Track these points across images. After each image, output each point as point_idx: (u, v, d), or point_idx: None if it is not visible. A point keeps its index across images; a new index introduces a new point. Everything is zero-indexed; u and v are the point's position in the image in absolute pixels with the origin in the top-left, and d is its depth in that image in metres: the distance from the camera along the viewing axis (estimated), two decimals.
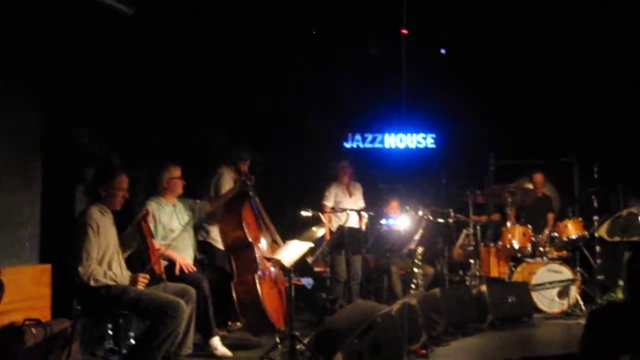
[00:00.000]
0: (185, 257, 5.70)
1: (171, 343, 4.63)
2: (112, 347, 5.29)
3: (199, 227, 6.17)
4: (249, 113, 8.21)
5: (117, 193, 4.82)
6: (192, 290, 4.97)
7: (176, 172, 5.79)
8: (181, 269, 5.47)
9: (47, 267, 5.57)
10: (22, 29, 5.74)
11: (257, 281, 5.52)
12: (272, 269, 5.78)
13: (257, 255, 5.68)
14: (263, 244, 5.88)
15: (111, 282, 4.59)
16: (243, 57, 7.87)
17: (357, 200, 7.60)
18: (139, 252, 5.13)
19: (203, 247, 6.25)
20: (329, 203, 7.44)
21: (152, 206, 5.54)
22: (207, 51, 7.51)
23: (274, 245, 5.92)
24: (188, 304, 4.80)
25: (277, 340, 5.56)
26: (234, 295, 5.56)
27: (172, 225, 5.71)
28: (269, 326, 5.64)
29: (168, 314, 4.54)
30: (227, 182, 6.33)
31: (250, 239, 5.67)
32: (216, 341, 5.48)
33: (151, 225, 5.26)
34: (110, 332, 5.34)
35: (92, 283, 4.52)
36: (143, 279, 4.73)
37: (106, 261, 4.69)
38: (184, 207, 5.88)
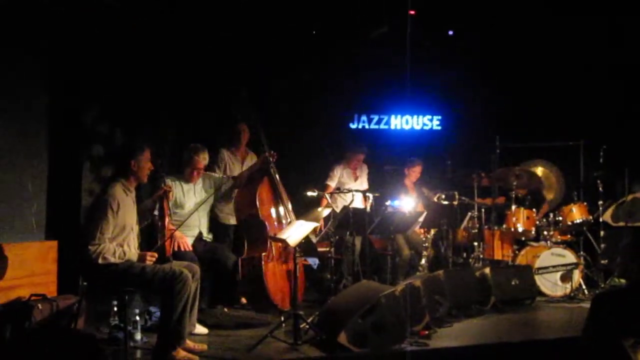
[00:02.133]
0: (190, 235, 5.74)
1: (190, 309, 4.74)
2: (117, 323, 5.33)
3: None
4: (255, 93, 8.18)
5: (144, 165, 4.89)
6: (197, 268, 5.01)
7: (203, 157, 5.87)
8: (179, 248, 5.52)
9: (54, 243, 5.61)
10: (26, 9, 5.73)
11: (262, 260, 5.55)
12: (284, 249, 5.80)
13: (268, 233, 5.70)
14: (279, 223, 5.89)
15: (119, 260, 4.63)
16: (249, 37, 7.83)
17: (362, 183, 7.63)
18: (149, 227, 5.18)
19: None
20: (332, 184, 7.45)
21: (167, 181, 5.56)
22: (213, 31, 7.48)
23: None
24: (193, 280, 4.83)
25: (282, 319, 5.60)
26: (240, 270, 5.59)
27: (183, 202, 5.75)
28: (271, 306, 5.68)
29: (174, 285, 4.61)
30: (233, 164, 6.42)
31: (261, 217, 5.70)
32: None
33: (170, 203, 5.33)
34: (115, 308, 5.38)
35: (100, 261, 4.56)
36: (151, 257, 4.77)
37: (120, 239, 4.73)
38: (205, 183, 5.98)
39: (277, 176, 6.10)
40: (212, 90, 7.55)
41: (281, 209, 6.00)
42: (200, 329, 5.50)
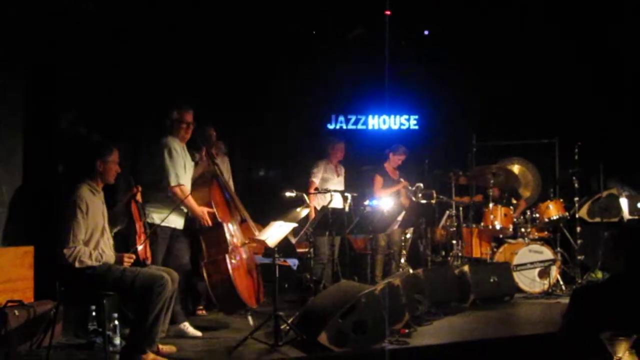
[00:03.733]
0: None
1: (164, 316, 4.69)
2: (95, 328, 5.29)
3: None
4: (231, 95, 8.16)
5: (111, 167, 4.84)
6: (176, 274, 4.94)
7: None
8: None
9: (30, 249, 5.54)
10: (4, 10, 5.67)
11: (227, 260, 5.50)
12: (242, 247, 5.78)
13: (227, 234, 5.64)
14: (233, 223, 5.85)
15: (96, 263, 4.59)
16: (227, 39, 7.81)
17: (342, 182, 7.64)
18: (126, 231, 5.12)
19: None
20: (316, 180, 7.45)
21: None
22: (190, 34, 7.45)
23: (244, 224, 5.91)
24: (171, 285, 4.78)
25: (249, 319, 5.63)
26: (205, 275, 5.54)
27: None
28: (241, 305, 5.64)
29: (153, 289, 4.56)
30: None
31: (219, 218, 5.64)
32: (186, 325, 5.54)
33: None
34: (93, 313, 5.33)
35: (76, 264, 4.52)
36: (129, 259, 4.73)
37: (94, 242, 4.68)
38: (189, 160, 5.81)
39: (224, 177, 6.03)
40: (190, 93, 7.50)
41: (234, 209, 5.94)
42: (194, 332, 5.50)
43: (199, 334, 5.52)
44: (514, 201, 8.25)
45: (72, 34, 6.32)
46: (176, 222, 5.57)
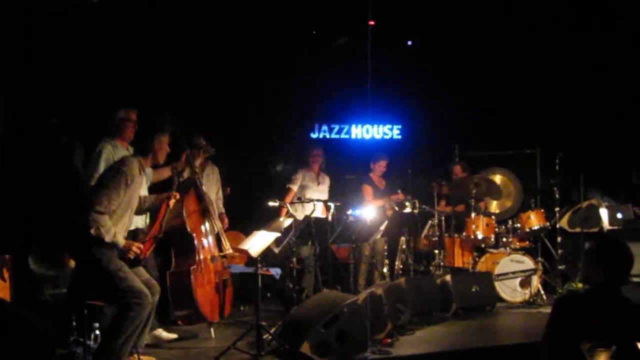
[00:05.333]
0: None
1: (136, 333, 4.56)
2: (76, 338, 5.24)
3: None
4: (215, 103, 8.15)
5: (164, 147, 4.85)
6: (156, 284, 4.86)
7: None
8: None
9: (7, 258, 5.47)
10: None
11: (192, 273, 5.48)
12: (212, 260, 5.75)
13: (197, 246, 5.60)
14: (206, 235, 5.81)
15: (108, 239, 4.45)
16: (209, 47, 7.80)
17: (324, 191, 7.64)
18: None
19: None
20: (294, 187, 7.44)
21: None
22: (171, 41, 7.43)
23: (218, 237, 5.88)
24: (151, 300, 4.67)
25: (211, 331, 5.67)
26: (168, 283, 5.50)
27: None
28: (201, 319, 5.64)
29: (131, 306, 4.45)
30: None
31: (189, 229, 5.60)
32: (160, 331, 5.54)
33: None
34: (74, 323, 5.29)
35: (93, 231, 4.39)
36: (137, 249, 4.65)
37: (117, 217, 4.58)
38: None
39: (203, 187, 5.99)
40: (171, 99, 7.48)
41: (207, 222, 5.87)
42: (169, 335, 5.47)
43: (174, 336, 5.50)
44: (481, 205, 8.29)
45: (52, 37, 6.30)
46: (137, 221, 5.40)
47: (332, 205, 6.94)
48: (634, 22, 8.12)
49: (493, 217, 8.03)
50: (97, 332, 5.10)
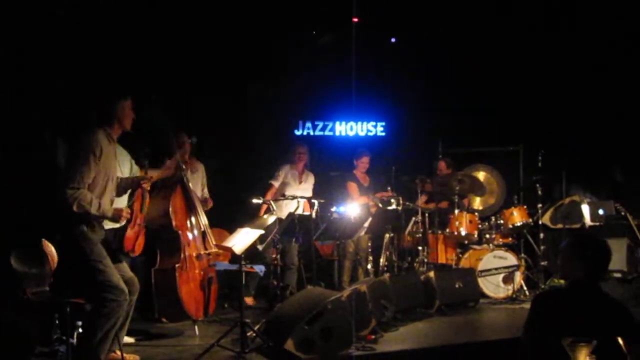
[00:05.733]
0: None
1: (113, 330, 4.50)
2: (59, 336, 5.20)
3: None
4: (199, 100, 8.12)
5: (129, 112, 4.67)
6: (136, 282, 4.77)
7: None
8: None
9: None
10: None
11: (177, 271, 5.48)
12: (198, 258, 5.73)
13: (182, 243, 5.60)
14: (192, 232, 5.80)
15: (94, 212, 4.37)
16: (195, 44, 7.78)
17: (306, 189, 7.61)
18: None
19: None
20: (276, 183, 7.40)
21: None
22: (158, 38, 7.40)
23: (214, 229, 5.86)
24: (130, 299, 4.60)
25: (195, 328, 5.64)
26: (152, 280, 5.51)
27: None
28: (185, 316, 5.66)
29: (109, 296, 4.37)
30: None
31: (175, 227, 5.59)
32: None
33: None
34: (57, 321, 5.25)
35: (75, 208, 4.30)
36: (127, 215, 4.58)
37: (99, 189, 4.47)
38: (124, 157, 5.40)
39: (190, 184, 5.96)
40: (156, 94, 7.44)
41: (194, 219, 5.87)
42: (127, 339, 5.33)
43: (131, 340, 5.41)
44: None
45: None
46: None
47: (315, 202, 6.94)
48: (615, 21, 8.20)
49: (476, 213, 8.08)
50: (80, 330, 5.06)
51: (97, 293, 4.40)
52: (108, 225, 4.77)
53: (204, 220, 5.90)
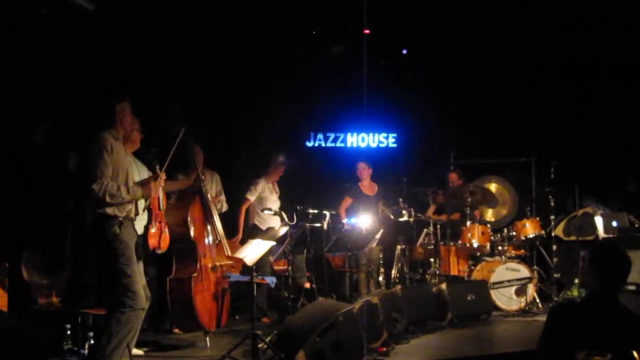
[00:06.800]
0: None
1: (128, 338, 4.48)
2: (70, 347, 5.21)
3: None
4: (211, 112, 8.15)
5: (128, 114, 4.78)
6: (149, 294, 4.77)
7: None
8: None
9: (3, 265, 5.45)
10: None
11: (192, 281, 5.48)
12: (213, 270, 5.74)
13: (199, 254, 5.61)
14: (208, 242, 5.81)
15: (126, 196, 4.44)
16: (206, 54, 7.81)
17: (277, 201, 7.51)
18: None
19: None
20: (252, 197, 7.32)
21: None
22: (165, 45, 7.43)
23: (220, 245, 5.86)
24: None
25: (207, 340, 5.63)
26: (167, 289, 5.51)
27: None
28: (198, 327, 5.66)
29: (129, 301, 4.38)
30: None
31: (193, 238, 5.61)
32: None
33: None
34: (68, 332, 5.26)
35: (107, 199, 4.36)
36: (161, 182, 4.69)
37: (121, 180, 4.54)
38: (141, 167, 5.48)
39: (209, 195, 5.99)
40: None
41: (210, 230, 5.88)
42: (136, 351, 5.33)
43: (140, 352, 5.41)
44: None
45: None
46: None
47: (327, 213, 6.93)
48: (628, 31, 8.16)
49: (488, 225, 8.03)
50: (92, 341, 5.06)
51: (117, 297, 4.41)
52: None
53: (220, 231, 5.92)
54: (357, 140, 9.65)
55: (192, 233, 5.60)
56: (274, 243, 5.56)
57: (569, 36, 8.43)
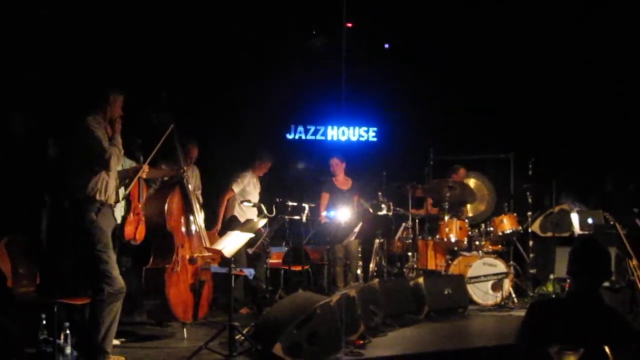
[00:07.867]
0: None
1: (115, 324, 4.62)
2: (45, 337, 5.16)
3: None
4: (191, 103, 8.10)
5: (119, 105, 4.87)
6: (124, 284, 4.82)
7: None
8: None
9: None
10: None
11: (166, 271, 5.48)
12: (191, 261, 5.73)
13: (176, 244, 5.60)
14: (187, 234, 5.79)
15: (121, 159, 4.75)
16: (187, 46, 7.76)
17: (257, 196, 7.53)
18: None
19: None
20: (236, 189, 7.30)
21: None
22: (151, 38, 7.39)
23: (201, 236, 5.86)
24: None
25: (184, 331, 5.65)
26: (143, 279, 5.52)
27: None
28: (172, 318, 5.67)
29: (108, 288, 4.53)
30: None
31: (168, 228, 5.59)
32: None
33: None
34: (44, 322, 5.21)
35: (111, 163, 4.63)
36: (147, 170, 4.86)
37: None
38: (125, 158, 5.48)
39: (190, 186, 5.97)
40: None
41: (192, 220, 5.88)
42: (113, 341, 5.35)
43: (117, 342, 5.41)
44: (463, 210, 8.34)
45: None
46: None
47: (306, 206, 6.93)
48: (606, 33, 8.25)
49: (466, 220, 8.09)
50: (68, 331, 5.03)
51: (96, 283, 4.55)
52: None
53: (200, 222, 5.90)
54: (337, 133, 9.66)
55: (168, 224, 5.58)
56: (252, 235, 5.55)
57: (547, 33, 8.50)
